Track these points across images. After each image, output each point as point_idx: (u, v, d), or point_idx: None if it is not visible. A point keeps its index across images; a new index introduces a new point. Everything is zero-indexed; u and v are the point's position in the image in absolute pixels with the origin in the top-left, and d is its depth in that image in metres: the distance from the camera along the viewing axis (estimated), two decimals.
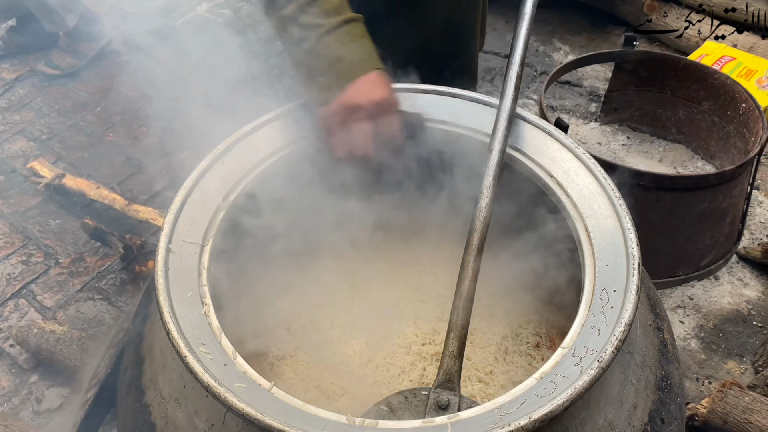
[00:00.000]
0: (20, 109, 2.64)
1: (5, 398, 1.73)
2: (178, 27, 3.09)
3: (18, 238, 2.13)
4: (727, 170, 1.67)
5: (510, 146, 0.93)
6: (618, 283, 0.76)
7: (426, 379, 0.89)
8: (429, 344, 0.94)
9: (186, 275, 0.80)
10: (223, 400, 0.65)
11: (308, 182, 1.03)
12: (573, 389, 0.65)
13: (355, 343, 0.95)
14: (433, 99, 1.00)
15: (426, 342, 0.94)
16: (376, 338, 0.95)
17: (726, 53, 2.44)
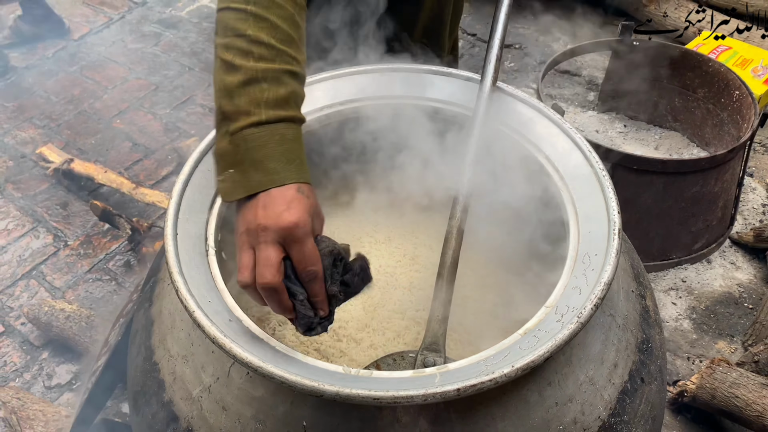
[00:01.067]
0: (30, 96, 2.70)
1: (17, 374, 1.79)
2: (184, 17, 3.14)
3: (28, 221, 2.18)
4: (719, 154, 1.72)
5: (503, 123, 0.98)
6: (599, 247, 0.81)
7: (420, 342, 0.94)
8: (423, 310, 0.99)
9: (193, 239, 0.85)
10: (228, 350, 0.70)
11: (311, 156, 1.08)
12: (553, 342, 0.70)
13: (353, 309, 1.00)
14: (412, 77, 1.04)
15: (420, 308, 0.99)
16: (373, 305, 1.00)
17: (722, 43, 2.47)
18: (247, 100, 0.75)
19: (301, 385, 0.67)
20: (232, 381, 0.79)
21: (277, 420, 0.76)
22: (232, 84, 0.75)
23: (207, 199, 0.91)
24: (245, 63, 0.76)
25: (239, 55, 0.76)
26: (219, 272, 0.83)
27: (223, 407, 0.79)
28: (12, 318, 1.91)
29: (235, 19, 0.78)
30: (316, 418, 0.74)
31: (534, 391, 0.77)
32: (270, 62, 0.77)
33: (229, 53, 0.77)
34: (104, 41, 2.99)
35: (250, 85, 0.75)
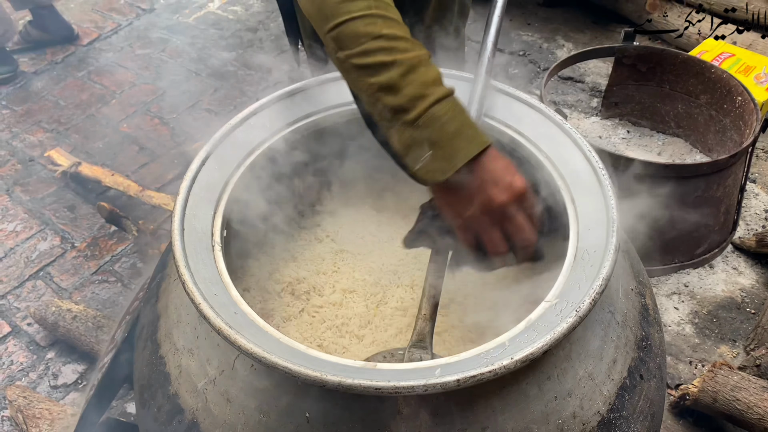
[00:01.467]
0: (39, 100, 2.73)
1: (23, 373, 1.81)
2: (191, 23, 3.17)
3: (35, 223, 2.21)
4: (720, 159, 1.73)
5: (503, 123, 0.99)
6: (599, 244, 0.82)
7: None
8: None
9: (199, 235, 0.86)
10: (234, 341, 0.72)
11: (315, 158, 1.10)
12: (552, 334, 0.71)
13: (356, 306, 1.02)
14: None
15: None
16: (375, 302, 1.02)
17: (725, 50, 2.48)
18: (416, 87, 0.79)
19: (304, 376, 0.69)
20: (237, 373, 0.80)
21: (280, 411, 0.77)
22: (392, 79, 0.79)
23: (213, 196, 0.92)
24: (396, 57, 0.80)
25: (385, 53, 0.80)
26: (224, 267, 0.84)
27: (228, 399, 0.81)
28: (19, 318, 1.93)
29: (364, 25, 0.81)
30: (319, 409, 0.76)
31: (533, 385, 0.78)
32: (413, 51, 0.81)
33: (371, 57, 0.80)
34: (112, 47, 3.02)
35: (412, 74, 0.79)
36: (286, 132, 1.03)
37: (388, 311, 1.01)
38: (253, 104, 1.01)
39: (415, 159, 0.79)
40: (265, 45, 3.04)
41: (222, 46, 3.02)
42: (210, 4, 3.31)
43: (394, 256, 1.09)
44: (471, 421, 0.75)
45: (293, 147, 1.05)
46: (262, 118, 1.02)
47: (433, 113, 0.78)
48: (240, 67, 2.88)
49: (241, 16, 3.24)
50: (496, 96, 0.99)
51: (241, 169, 0.96)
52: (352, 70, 0.82)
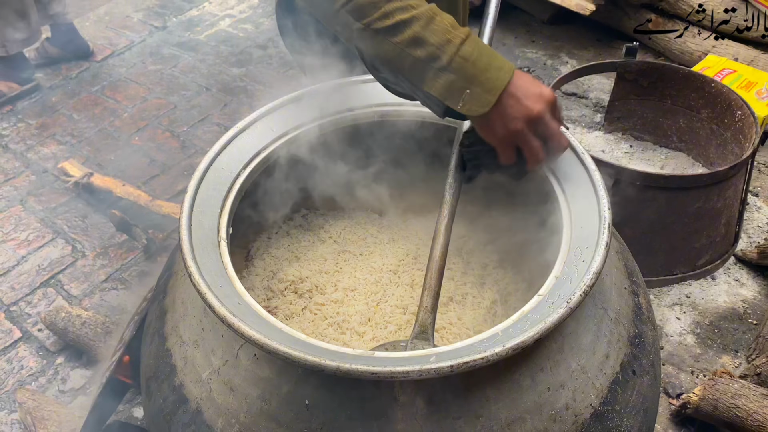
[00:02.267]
0: (53, 114, 2.80)
1: (33, 378, 1.84)
2: (202, 40, 3.25)
3: (48, 233, 2.25)
4: (720, 171, 1.75)
5: None
6: (590, 241, 0.85)
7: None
8: None
9: (206, 231, 0.90)
10: (237, 328, 0.75)
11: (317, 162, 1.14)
12: (542, 324, 0.74)
13: (357, 303, 1.05)
14: None
15: None
16: (376, 300, 1.05)
17: (727, 66, 2.52)
18: (440, 34, 0.85)
19: (304, 361, 0.71)
20: (240, 363, 0.83)
21: (281, 399, 0.80)
22: (415, 33, 0.85)
23: (220, 195, 0.96)
24: (413, 14, 0.86)
25: (402, 12, 0.86)
26: (230, 261, 0.88)
27: (231, 388, 0.83)
28: (29, 324, 1.97)
29: None
30: (319, 396, 0.78)
31: (527, 376, 0.80)
32: (424, 5, 0.87)
33: (390, 19, 0.85)
34: (125, 63, 3.10)
35: (432, 24, 0.86)
36: (292, 135, 1.07)
37: (387, 309, 1.04)
38: (259, 109, 1.05)
39: (457, 99, 0.85)
40: (274, 61, 3.11)
41: (232, 62, 3.09)
42: (221, 22, 3.39)
43: (394, 256, 1.12)
44: (465, 410, 0.78)
45: (298, 151, 1.08)
46: (268, 122, 1.06)
47: (463, 54, 0.84)
48: (249, 82, 2.94)
49: (251, 33, 3.31)
50: None
51: (247, 170, 1.00)
52: (375, 35, 0.87)
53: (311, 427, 0.78)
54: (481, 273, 1.08)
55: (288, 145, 1.06)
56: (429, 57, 0.85)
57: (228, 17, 3.44)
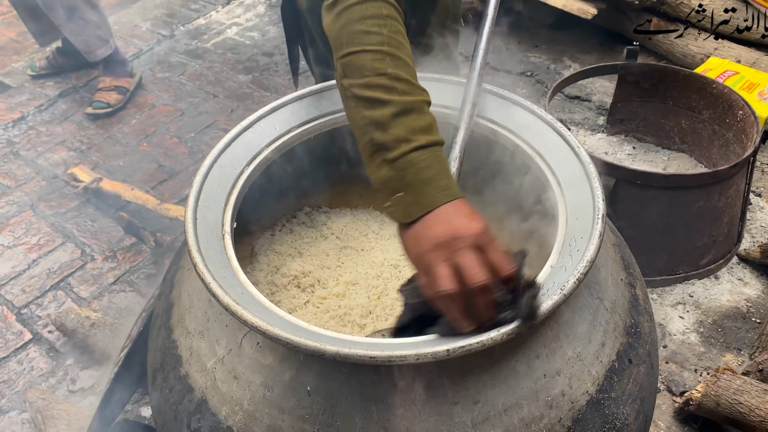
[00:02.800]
0: (63, 122, 2.85)
1: (43, 378, 1.87)
2: (209, 48, 3.29)
3: (58, 237, 2.29)
4: (721, 170, 1.76)
5: (495, 123, 1.05)
6: (585, 231, 0.87)
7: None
8: None
9: (211, 225, 0.93)
10: (240, 315, 0.77)
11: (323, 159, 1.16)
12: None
13: (358, 297, 1.07)
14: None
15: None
16: (377, 293, 1.07)
17: (729, 68, 2.53)
18: (403, 129, 0.83)
19: (304, 346, 0.74)
20: (244, 351, 0.86)
21: (283, 386, 0.82)
22: (384, 117, 0.83)
23: (224, 191, 0.99)
24: (393, 98, 0.84)
25: (384, 91, 0.84)
26: (233, 253, 0.90)
27: (235, 376, 0.86)
28: (40, 326, 2.00)
29: (372, 60, 0.86)
30: (320, 383, 0.81)
31: (523, 363, 0.82)
32: (412, 95, 0.86)
33: (370, 91, 0.85)
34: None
35: (403, 116, 0.84)
36: (295, 133, 1.10)
37: (388, 302, 1.06)
38: (263, 107, 1.08)
39: (387, 196, 0.83)
40: (280, 68, 3.15)
41: (239, 69, 3.13)
42: (228, 31, 3.43)
43: (395, 251, 1.15)
44: (463, 395, 0.80)
45: (302, 148, 1.11)
46: (272, 121, 1.09)
47: (412, 158, 0.81)
48: (256, 89, 2.98)
49: (257, 41, 3.35)
50: (488, 97, 1.05)
51: (251, 166, 1.03)
52: (351, 98, 0.87)
53: (312, 413, 0.80)
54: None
55: (291, 143, 1.09)
56: (382, 144, 0.83)
57: (235, 25, 3.49)
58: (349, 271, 1.12)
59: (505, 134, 1.06)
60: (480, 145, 1.09)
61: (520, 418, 0.81)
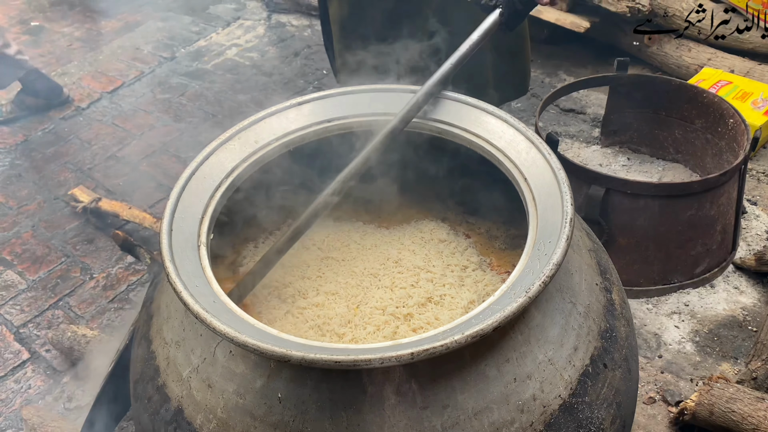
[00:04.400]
0: (65, 144, 2.89)
1: (40, 396, 1.88)
2: (210, 69, 3.34)
3: (57, 256, 2.32)
4: (711, 177, 1.76)
5: (472, 132, 1.07)
6: (553, 235, 0.87)
7: (397, 336, 1.01)
8: (402, 307, 1.05)
9: (186, 236, 0.94)
10: (209, 323, 0.78)
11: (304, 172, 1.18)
12: (501, 313, 0.76)
13: (337, 306, 1.08)
14: None
15: (399, 305, 1.06)
16: (356, 302, 1.08)
17: (722, 78, 2.54)
18: None
19: (270, 352, 0.75)
20: (217, 360, 0.87)
21: (255, 393, 0.83)
22: None
23: (201, 203, 1.01)
24: None
25: None
26: (208, 264, 0.92)
27: (209, 385, 0.86)
28: (38, 345, 2.02)
29: None
30: (290, 389, 0.81)
31: (492, 367, 0.83)
32: None
33: None
34: (135, 93, 3.20)
35: None
36: (275, 146, 1.11)
37: (367, 311, 1.06)
38: (241, 122, 1.10)
39: None
40: (279, 88, 3.19)
41: (238, 89, 3.17)
42: (228, 52, 3.49)
43: (376, 261, 1.16)
44: (432, 400, 0.80)
45: (282, 161, 1.13)
46: (251, 134, 1.11)
47: None
48: (255, 108, 3.02)
49: (257, 61, 3.40)
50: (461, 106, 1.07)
51: (229, 179, 1.05)
52: None
53: (284, 420, 0.81)
54: (461, 275, 1.11)
55: (271, 155, 1.11)
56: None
57: (235, 46, 3.54)
58: (329, 281, 1.13)
59: (479, 142, 1.07)
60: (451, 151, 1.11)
61: (490, 422, 0.81)
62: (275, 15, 3.82)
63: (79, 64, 3.47)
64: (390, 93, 1.18)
